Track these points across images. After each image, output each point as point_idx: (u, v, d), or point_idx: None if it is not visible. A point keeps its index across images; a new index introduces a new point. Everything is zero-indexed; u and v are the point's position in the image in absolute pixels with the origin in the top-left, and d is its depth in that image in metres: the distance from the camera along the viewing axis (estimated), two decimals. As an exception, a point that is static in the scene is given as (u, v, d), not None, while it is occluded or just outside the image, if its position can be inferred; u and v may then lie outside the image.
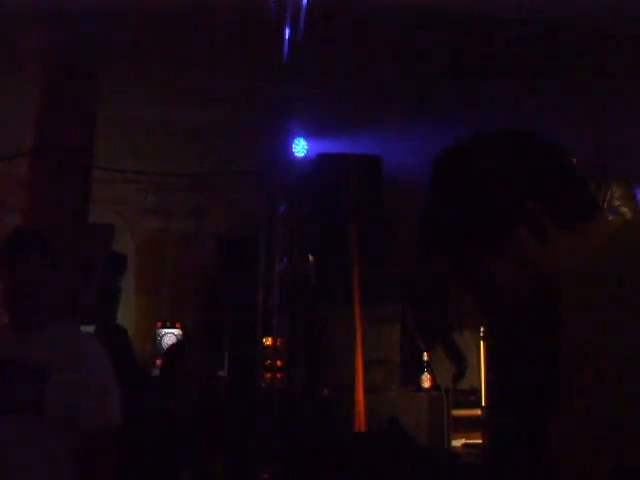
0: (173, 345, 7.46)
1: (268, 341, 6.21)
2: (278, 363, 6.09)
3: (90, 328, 5.26)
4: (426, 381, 6.35)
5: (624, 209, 3.79)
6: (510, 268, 1.19)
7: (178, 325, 8.97)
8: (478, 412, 5.49)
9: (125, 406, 2.46)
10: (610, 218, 1.22)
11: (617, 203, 3.81)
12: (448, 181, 1.25)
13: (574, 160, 1.26)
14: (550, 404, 1.09)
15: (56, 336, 2.38)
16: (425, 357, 6.34)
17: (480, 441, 5.30)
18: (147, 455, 3.52)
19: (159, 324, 8.98)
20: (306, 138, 6.70)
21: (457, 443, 5.77)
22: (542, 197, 1.18)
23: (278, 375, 6.08)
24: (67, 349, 2.36)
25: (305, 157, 6.75)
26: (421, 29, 5.33)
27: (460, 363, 6.10)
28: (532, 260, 1.18)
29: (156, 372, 7.65)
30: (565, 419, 1.06)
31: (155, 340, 8.79)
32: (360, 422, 5.87)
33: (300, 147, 6.67)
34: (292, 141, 6.58)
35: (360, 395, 5.94)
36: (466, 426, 5.84)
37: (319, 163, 6.88)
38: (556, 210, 1.19)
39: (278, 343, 6.08)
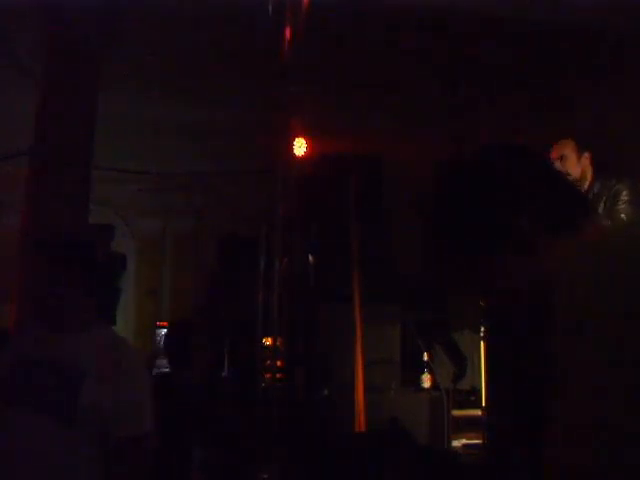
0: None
1: (268, 341, 6.20)
2: (278, 363, 6.08)
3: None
4: (426, 381, 6.35)
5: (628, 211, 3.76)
6: (511, 269, 1.20)
7: (178, 325, 8.97)
8: (478, 412, 5.48)
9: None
10: (607, 222, 1.22)
11: (622, 205, 3.77)
12: (453, 189, 1.28)
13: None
14: (549, 404, 1.09)
15: (91, 339, 2.39)
16: (425, 357, 6.35)
17: (480, 441, 5.30)
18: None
19: (159, 324, 8.99)
20: (306, 138, 6.69)
21: (457, 443, 5.76)
22: (536, 208, 1.20)
23: (278, 375, 6.07)
24: (102, 352, 2.35)
25: (305, 157, 6.74)
26: (421, 29, 5.33)
27: (460, 363, 6.09)
28: (528, 265, 1.19)
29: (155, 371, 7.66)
30: (563, 418, 1.07)
31: (155, 340, 8.79)
32: (360, 422, 5.87)
33: (300, 147, 6.66)
34: (292, 141, 6.56)
35: (360, 395, 5.94)
36: (466, 426, 5.84)
37: (320, 163, 6.88)
38: (548, 221, 1.19)
39: (278, 343, 6.07)
